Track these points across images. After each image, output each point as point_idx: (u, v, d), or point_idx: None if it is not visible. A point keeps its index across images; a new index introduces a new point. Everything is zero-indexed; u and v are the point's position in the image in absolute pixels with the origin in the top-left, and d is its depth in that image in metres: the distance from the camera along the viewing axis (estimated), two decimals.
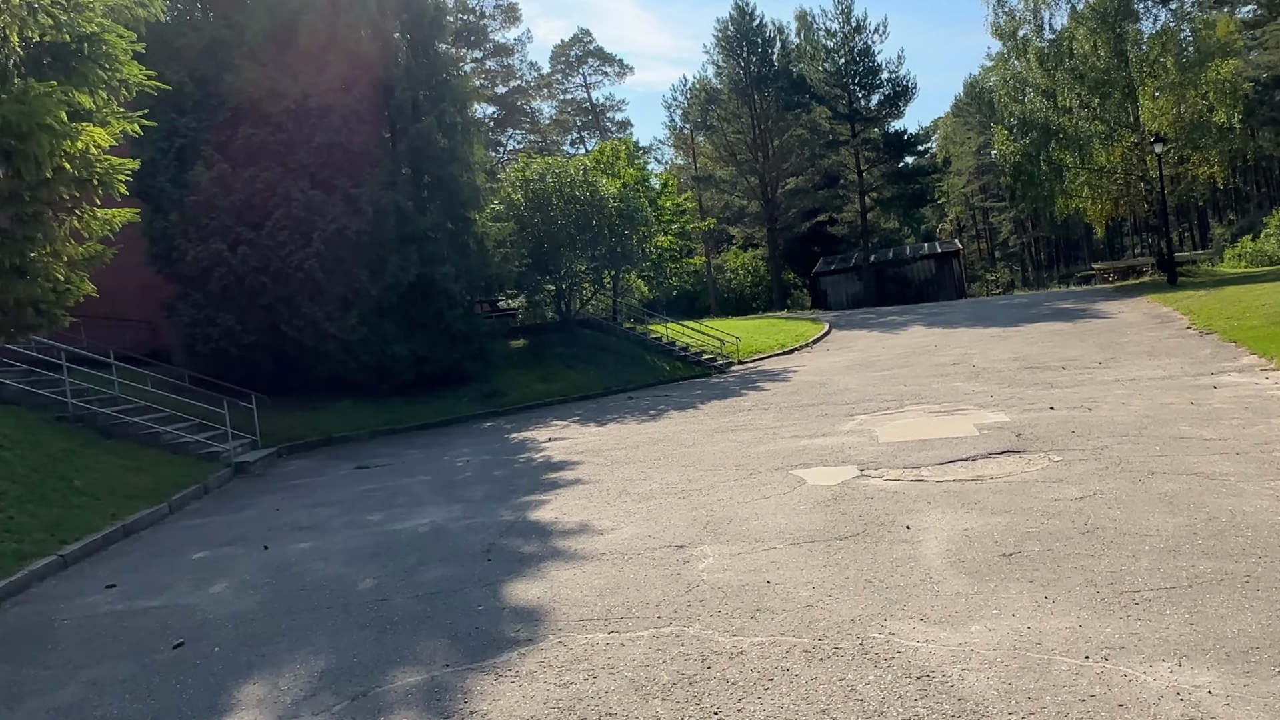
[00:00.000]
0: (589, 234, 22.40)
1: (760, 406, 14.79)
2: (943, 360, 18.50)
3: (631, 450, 11.67)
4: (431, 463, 12.52)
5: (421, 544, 7.69)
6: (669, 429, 13.40)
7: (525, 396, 19.32)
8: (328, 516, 9.38)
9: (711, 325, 31.19)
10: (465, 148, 19.58)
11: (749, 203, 49.79)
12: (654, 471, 9.95)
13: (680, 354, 24.31)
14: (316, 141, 17.00)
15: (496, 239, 20.87)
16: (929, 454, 9.18)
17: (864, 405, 13.47)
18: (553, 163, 23.27)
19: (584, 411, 17.16)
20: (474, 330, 19.65)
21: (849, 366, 19.59)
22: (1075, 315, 24.60)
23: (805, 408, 14.00)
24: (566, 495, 9.15)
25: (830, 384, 16.83)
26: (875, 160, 47.84)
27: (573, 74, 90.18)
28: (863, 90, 46.79)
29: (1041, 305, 29.34)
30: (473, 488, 10.18)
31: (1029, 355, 17.51)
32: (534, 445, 13.20)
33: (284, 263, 16.80)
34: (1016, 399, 12.36)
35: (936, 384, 15.03)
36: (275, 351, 17.76)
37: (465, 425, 17.00)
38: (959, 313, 30.58)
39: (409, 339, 18.74)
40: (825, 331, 29.18)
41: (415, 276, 18.44)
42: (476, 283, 19.81)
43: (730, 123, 47.77)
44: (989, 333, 23.23)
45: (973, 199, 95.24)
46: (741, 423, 13.15)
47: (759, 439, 11.45)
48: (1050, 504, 6.79)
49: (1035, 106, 31.60)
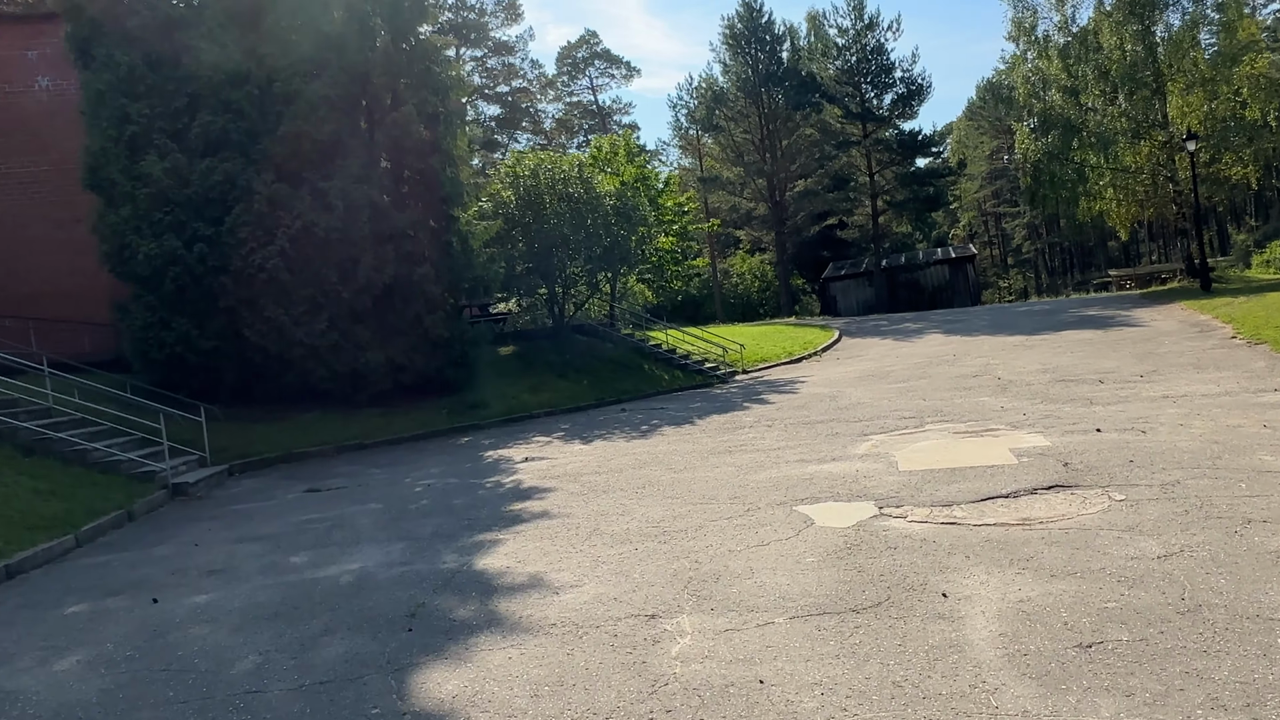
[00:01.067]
0: (583, 234, 20.97)
1: (763, 423, 13.31)
2: (964, 371, 16.98)
3: (614, 475, 10.20)
4: (390, 486, 11.09)
5: (338, 601, 6.24)
6: (660, 449, 11.93)
7: (511, 408, 17.88)
8: (247, 556, 7.95)
9: (715, 332, 29.70)
10: (449, 140, 18.19)
11: (757, 205, 48.31)
12: (635, 504, 8.48)
13: (680, 362, 22.84)
14: (282, 130, 15.64)
15: (483, 238, 19.46)
16: (960, 487, 7.69)
17: (879, 423, 11.97)
18: (545, 158, 21.89)
19: (571, 425, 15.71)
20: (456, 336, 18.22)
21: (861, 377, 18.08)
22: (1104, 323, 23.02)
23: (813, 425, 12.51)
24: (528, 534, 7.69)
25: (841, 397, 15.34)
26: (887, 162, 46.29)
27: (579, 76, 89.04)
28: (875, 89, 45.27)
29: (1065, 312, 27.74)
30: (424, 521, 8.73)
31: (1059, 366, 15.97)
32: (508, 466, 11.74)
33: (245, 262, 15.43)
34: (1054, 418, 10.84)
35: (959, 399, 13.52)
36: (238, 358, 16.39)
37: (442, 440, 15.57)
38: (977, 320, 29.01)
39: (385, 345, 17.34)
40: (835, 339, 27.67)
41: (391, 278, 17.04)
42: (460, 285, 18.39)
43: (737, 122, 46.31)
44: (1011, 341, 21.67)
45: (985, 204, 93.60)
46: (741, 442, 11.66)
47: (760, 463, 9.97)
48: (1127, 565, 5.29)
49: (1057, 104, 30.04)
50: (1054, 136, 29.75)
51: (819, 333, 29.29)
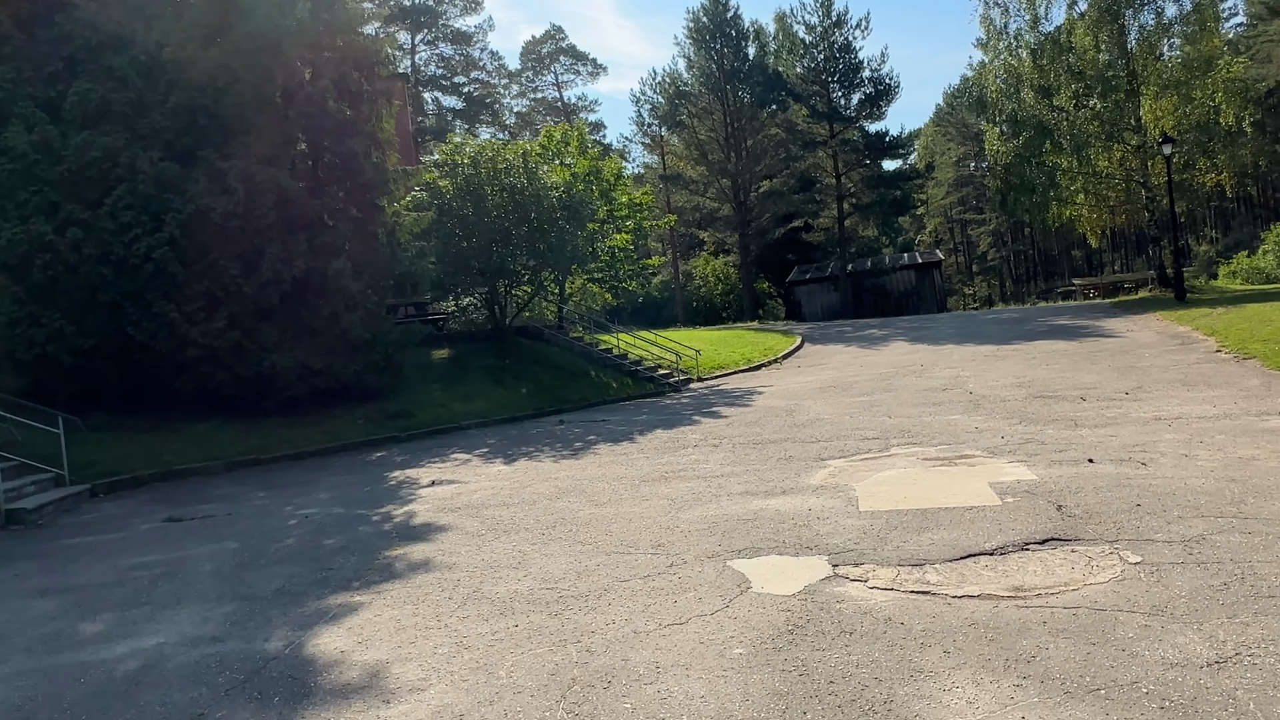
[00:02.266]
0: (525, 228, 19.33)
1: (710, 442, 11.78)
2: (932, 384, 15.62)
3: (525, 508, 8.59)
4: (263, 516, 9.36)
5: (93, 705, 4.56)
6: (588, 473, 10.34)
7: (437, 418, 16.18)
8: (30, 620, 6.21)
9: (672, 336, 28.19)
10: (374, 121, 16.46)
11: (721, 205, 46.90)
12: (536, 552, 6.88)
13: (631, 369, 21.28)
14: (173, 102, 13.81)
15: (413, 231, 17.75)
16: (933, 538, 6.21)
17: (839, 444, 10.51)
18: (487, 145, 20.20)
19: (499, 440, 14.05)
20: (380, 338, 16.48)
21: (822, 389, 16.66)
22: (1078, 333, 21.89)
23: (764, 445, 11.02)
24: (391, 596, 6.06)
25: (799, 411, 13.88)
26: (854, 163, 45.14)
27: (544, 71, 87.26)
28: (842, 88, 44.08)
29: (1035, 321, 26.66)
30: (276, 570, 7.04)
31: (1036, 380, 14.67)
32: (408, 493, 10.07)
33: (129, 250, 13.57)
34: (1036, 442, 9.45)
35: (929, 416, 12.12)
36: (123, 360, 14.51)
37: (350, 455, 13.83)
38: (944, 327, 27.84)
39: (296, 347, 15.54)
40: (797, 345, 26.31)
41: (303, 271, 15.26)
42: (383, 281, 16.65)
43: (701, 120, 44.84)
44: (982, 351, 20.43)
45: (951, 211, 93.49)
46: (681, 466, 10.12)
47: (697, 495, 8.43)
48: (1167, 678, 3.81)
49: (1029, 104, 28.97)
50: (1025, 138, 28.68)
51: (780, 338, 27.92)
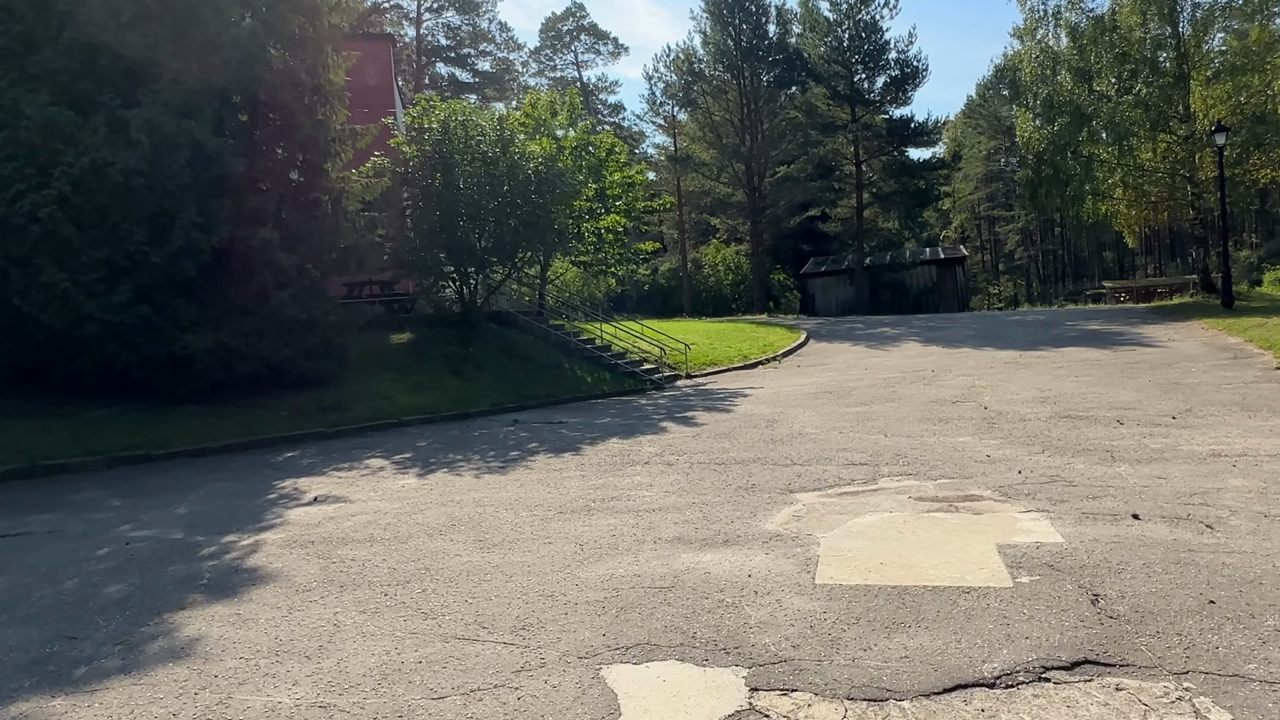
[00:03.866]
0: (494, 202, 17.36)
1: (665, 458, 9.80)
2: (942, 394, 13.53)
3: (392, 547, 6.66)
4: (80, 541, 7.48)
5: None
6: (502, 495, 8.40)
7: (377, 412, 14.30)
8: None
9: (668, 328, 26.19)
10: (317, 72, 14.53)
11: (734, 191, 44.61)
12: (355, 629, 4.94)
13: (611, 363, 19.29)
14: (68, 37, 11.93)
15: (364, 199, 15.84)
16: (909, 643, 4.22)
17: (816, 470, 8.49)
18: (459, 109, 18.20)
19: (432, 442, 12.13)
20: (317, 319, 14.62)
21: (816, 394, 14.61)
22: (1111, 340, 19.65)
23: (727, 467, 9.03)
24: (85, 713, 4.14)
25: (782, 422, 11.86)
26: (876, 150, 42.63)
27: (564, 50, 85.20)
28: (866, 70, 41.54)
29: (1063, 325, 24.35)
30: (19, 631, 5.16)
31: (1062, 395, 12.54)
32: (275, 514, 8.17)
33: (11, 208, 11.76)
34: (1063, 482, 7.41)
35: (932, 436, 10.06)
36: (12, 335, 12.73)
37: (258, 454, 11.96)
38: (962, 329, 25.61)
39: (218, 327, 13.73)
40: (800, 342, 24.22)
41: (226, 241, 13.41)
42: (325, 255, 14.77)
43: (716, 99, 42.50)
44: (1001, 357, 18.26)
45: (979, 207, 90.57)
46: (616, 493, 8.15)
47: (615, 540, 6.46)
48: None
49: (1066, 87, 26.51)
50: (1060, 125, 26.24)
51: (784, 334, 25.82)
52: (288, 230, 14.25)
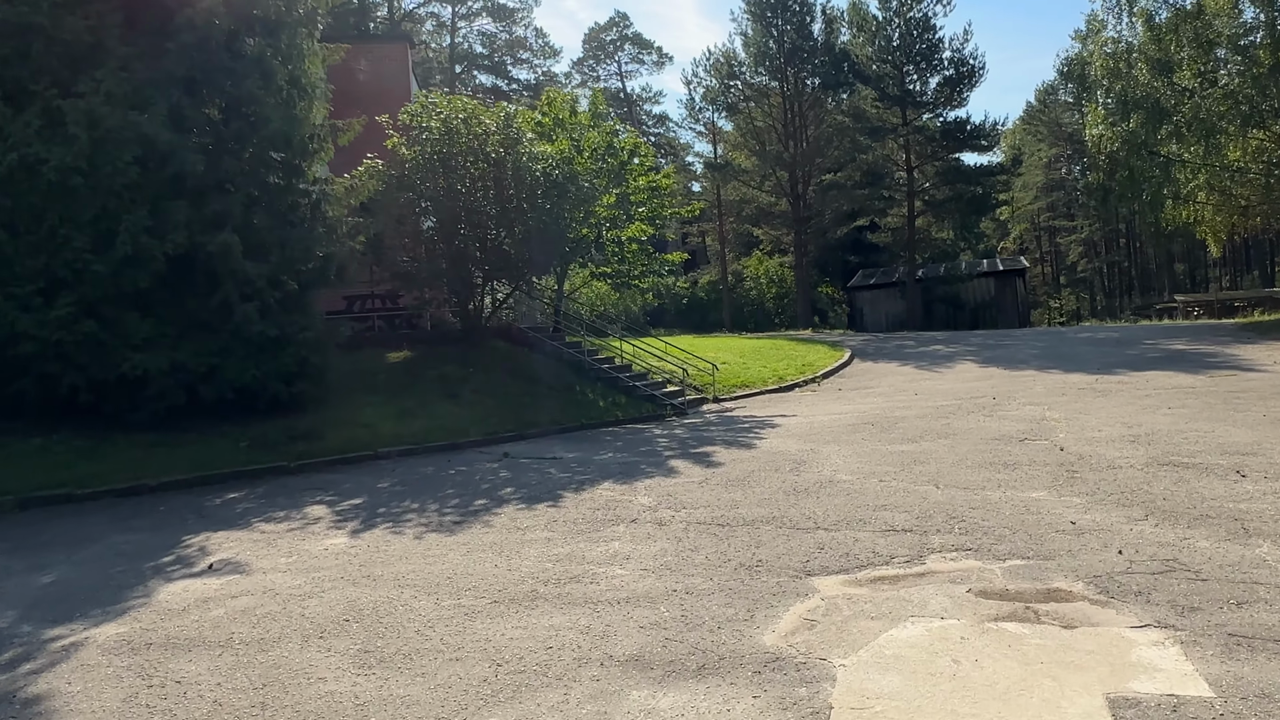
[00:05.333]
0: (496, 209, 15.69)
1: (659, 514, 7.88)
2: (1006, 429, 11.34)
3: (244, 659, 4.87)
4: None
5: None
6: (435, 568, 6.57)
7: (350, 442, 12.63)
8: None
9: (698, 344, 24.27)
10: (294, 63, 13.02)
11: (778, 200, 42.46)
12: None
13: (629, 385, 17.42)
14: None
15: (349, 204, 14.28)
16: None
17: (845, 538, 6.50)
18: (461, 106, 16.60)
19: (392, 484, 10.37)
20: (291, 336, 13.05)
21: (855, 426, 12.53)
22: (1202, 363, 17.14)
23: (732, 530, 7.08)
24: None
25: (811, 464, 9.85)
26: (929, 155, 40.09)
27: (608, 61, 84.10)
28: (918, 70, 39.10)
29: (1140, 344, 21.76)
30: None
31: (1156, 433, 10.28)
32: (142, 592, 6.44)
33: None
34: (1185, 571, 5.32)
35: (996, 490, 7.97)
36: None
37: (196, 494, 10.34)
38: (1025, 347, 23.15)
39: (176, 345, 12.23)
40: (843, 361, 22.07)
41: (183, 248, 11.92)
42: (300, 265, 13.21)
43: (758, 103, 40.49)
44: (1073, 381, 15.92)
45: (1039, 218, 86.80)
46: (581, 568, 6.26)
47: (550, 657, 4.58)
48: None
49: (1143, 80, 23.94)
50: (1136, 121, 23.70)
51: (826, 352, 23.67)
52: (257, 236, 12.72)
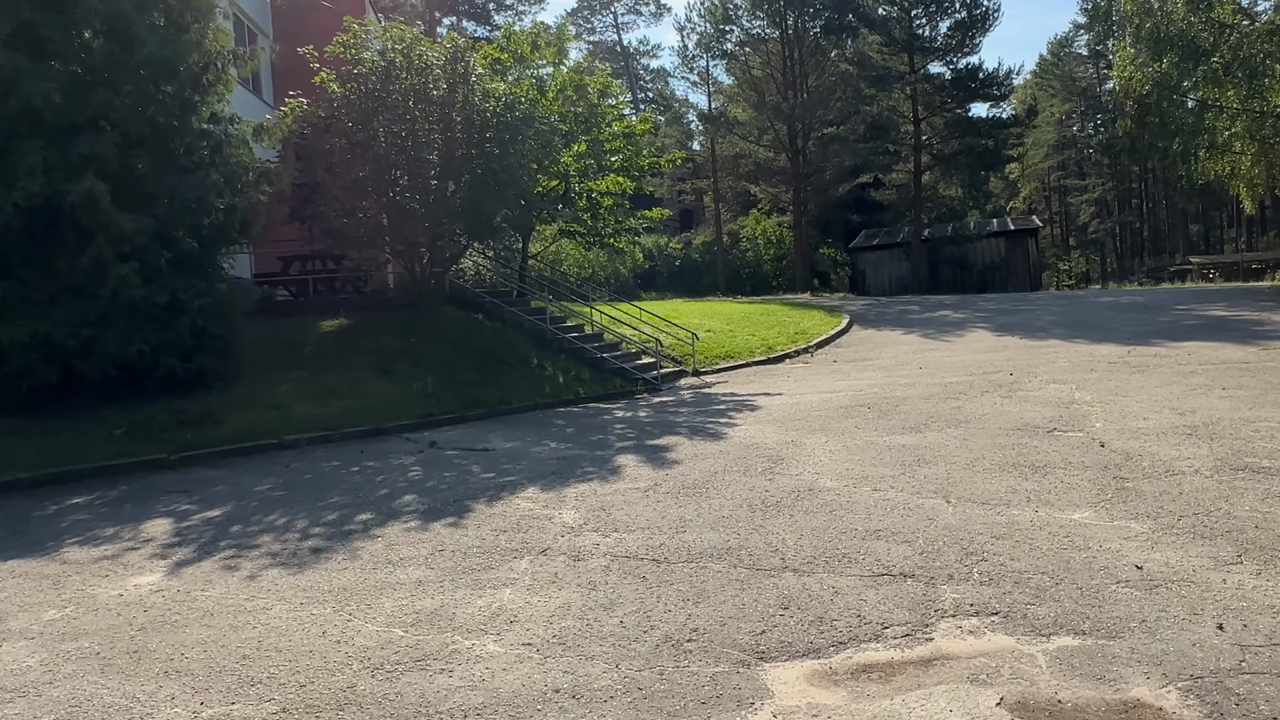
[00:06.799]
0: (435, 154, 13.60)
1: (580, 540, 5.95)
2: (1029, 415, 9.35)
3: None
4: None
5: None
6: (238, 637, 4.66)
7: (253, 428, 10.70)
8: None
9: (685, 309, 22.28)
10: None
11: (777, 155, 40.02)
12: None
13: (596, 357, 15.44)
14: None
15: (258, 145, 12.19)
16: None
17: (819, 591, 4.55)
18: (400, 35, 14.39)
19: (272, 486, 8.45)
20: (184, 303, 11.07)
21: (848, 409, 10.57)
22: (1249, 333, 15.11)
23: (670, 570, 5.16)
24: None
25: (789, 460, 7.92)
26: (938, 106, 37.55)
27: (603, 12, 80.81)
28: (927, 13, 36.46)
29: (1171, 309, 19.67)
30: None
31: (1217, 423, 8.29)
32: None
33: None
34: None
35: (1023, 507, 6.03)
36: None
37: (40, 497, 8.44)
38: (1042, 313, 21.09)
39: (43, 314, 10.29)
40: (841, 328, 20.06)
41: (40, 199, 9.90)
42: (194, 219, 11.16)
43: (755, 51, 37.89)
44: (1102, 353, 13.90)
45: (1049, 177, 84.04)
46: (441, 640, 4.35)
47: None
48: None
49: (1178, 15, 21.53)
50: (1169, 62, 21.34)
51: (822, 318, 21.65)
52: (139, 184, 10.70)
